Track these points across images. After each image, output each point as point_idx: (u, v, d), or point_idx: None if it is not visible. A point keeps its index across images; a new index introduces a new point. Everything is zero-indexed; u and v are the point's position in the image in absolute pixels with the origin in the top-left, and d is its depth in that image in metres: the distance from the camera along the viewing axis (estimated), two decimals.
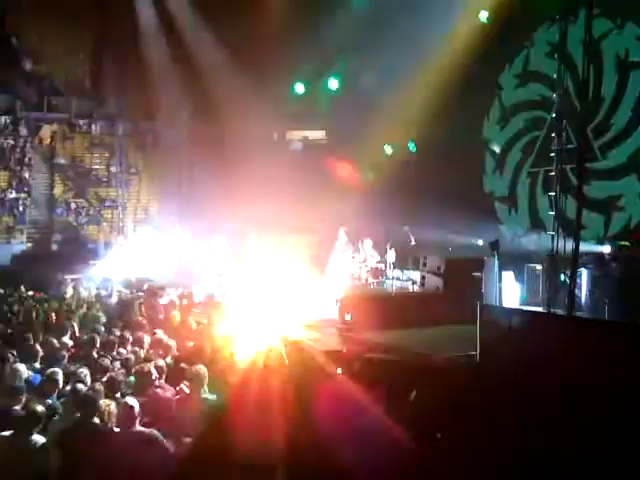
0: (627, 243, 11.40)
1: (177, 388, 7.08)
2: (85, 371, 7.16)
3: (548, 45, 14.48)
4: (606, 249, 11.52)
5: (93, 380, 7.03)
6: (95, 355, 8.23)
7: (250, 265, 18.53)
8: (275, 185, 18.48)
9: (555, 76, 11.48)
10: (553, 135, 11.28)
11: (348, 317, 11.36)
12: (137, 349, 8.66)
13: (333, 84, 19.19)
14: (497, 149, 16.46)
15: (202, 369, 7.13)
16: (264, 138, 20.37)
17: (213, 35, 19.32)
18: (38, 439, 5.50)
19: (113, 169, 22.84)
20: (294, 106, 19.82)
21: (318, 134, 21.94)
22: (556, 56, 11.64)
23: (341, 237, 13.67)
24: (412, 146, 17.99)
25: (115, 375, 7.21)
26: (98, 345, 8.64)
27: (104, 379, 7.04)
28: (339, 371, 7.93)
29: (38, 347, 8.31)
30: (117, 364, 7.90)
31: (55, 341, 8.73)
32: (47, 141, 22.89)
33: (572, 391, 6.99)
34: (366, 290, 13.49)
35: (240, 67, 18.91)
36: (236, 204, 17.52)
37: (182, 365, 7.60)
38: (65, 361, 8.02)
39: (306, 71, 19.24)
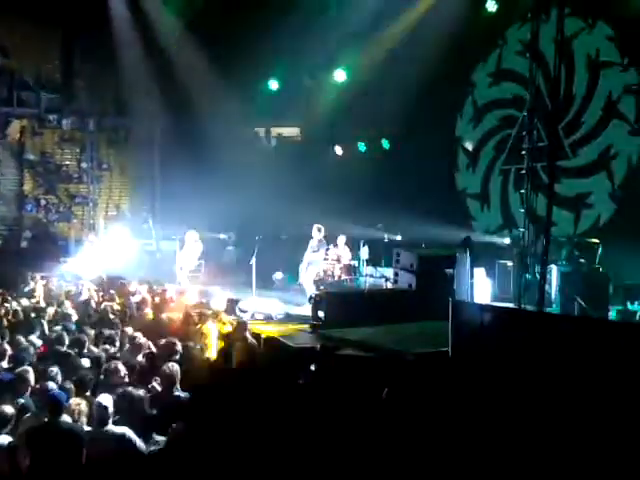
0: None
1: (149, 386, 7.06)
2: (55, 369, 7.09)
3: (520, 44, 14.60)
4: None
5: (64, 379, 6.96)
6: (65, 353, 8.14)
7: (224, 262, 18.59)
8: (249, 182, 18.45)
9: (527, 75, 11.58)
10: (524, 133, 11.39)
11: (321, 314, 11.38)
12: (108, 347, 8.62)
13: (307, 82, 19.18)
14: (470, 146, 16.59)
15: (174, 367, 7.11)
16: (238, 135, 20.28)
17: (186, 31, 19.21)
18: (3, 440, 5.44)
19: (84, 165, 22.56)
20: (268, 103, 19.78)
21: (292, 131, 21.91)
22: (528, 55, 11.74)
23: (315, 235, 13.68)
24: (385, 143, 18.06)
25: (85, 373, 7.16)
26: (68, 343, 8.57)
27: (74, 377, 6.98)
28: (312, 368, 7.95)
29: (6, 346, 8.21)
30: (87, 362, 7.84)
31: (23, 339, 8.63)
32: (16, 137, 22.55)
33: (541, 387, 7.08)
34: (339, 287, 13.51)
35: (214, 63, 18.83)
36: (210, 201, 17.45)
37: (154, 363, 7.59)
38: (34, 359, 7.93)
39: (280, 67, 19.22)
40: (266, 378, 7.15)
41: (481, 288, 11.98)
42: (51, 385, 6.54)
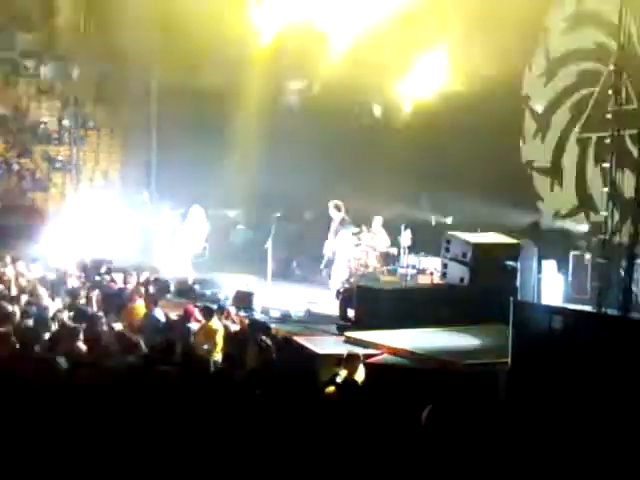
0: None
1: None
2: None
3: None
4: None
5: None
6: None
7: (233, 245, 18.63)
8: (266, 146, 18.41)
9: (616, 19, 11.37)
10: (610, 93, 11.19)
11: (351, 313, 11.35)
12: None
13: None
14: (539, 108, 16.39)
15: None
16: (252, 91, 20.23)
17: None
18: None
19: (66, 123, 22.71)
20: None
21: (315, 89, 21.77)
22: None
23: (333, 214, 13.55)
24: (433, 103, 17.84)
25: None
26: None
27: None
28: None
29: None
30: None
31: None
32: None
33: (625, 407, 6.99)
34: (373, 280, 13.49)
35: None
36: (217, 169, 17.48)
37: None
38: None
39: None
40: (283, 389, 7.17)
41: (551, 286, 11.88)
42: None
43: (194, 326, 10.52)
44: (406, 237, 13.67)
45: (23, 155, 22.40)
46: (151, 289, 12.37)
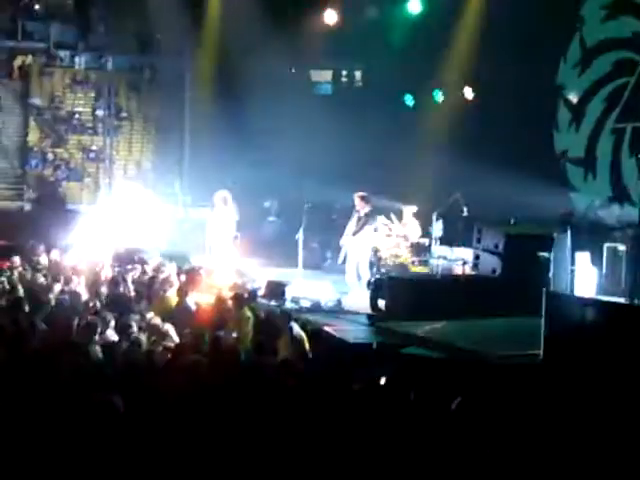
0: None
1: None
2: None
3: None
4: None
5: None
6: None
7: (264, 236, 18.65)
8: (298, 137, 18.41)
9: None
10: None
11: (382, 303, 11.32)
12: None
13: (372, 13, 18.96)
14: (574, 98, 16.23)
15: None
16: (286, 79, 20.22)
17: None
18: None
19: (99, 113, 22.87)
20: (324, 40, 19.64)
21: (355, 74, 21.74)
22: None
23: (359, 206, 13.43)
24: (468, 92, 17.79)
25: None
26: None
27: None
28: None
29: None
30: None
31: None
32: (20, 76, 22.95)
33: None
34: (405, 271, 13.42)
35: None
36: (249, 160, 17.50)
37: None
38: None
39: None
40: (316, 380, 7.17)
41: (584, 278, 11.73)
42: None
43: (225, 315, 10.54)
44: (438, 228, 13.58)
45: (58, 145, 22.59)
46: (182, 278, 12.41)
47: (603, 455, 5.87)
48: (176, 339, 8.75)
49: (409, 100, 19.40)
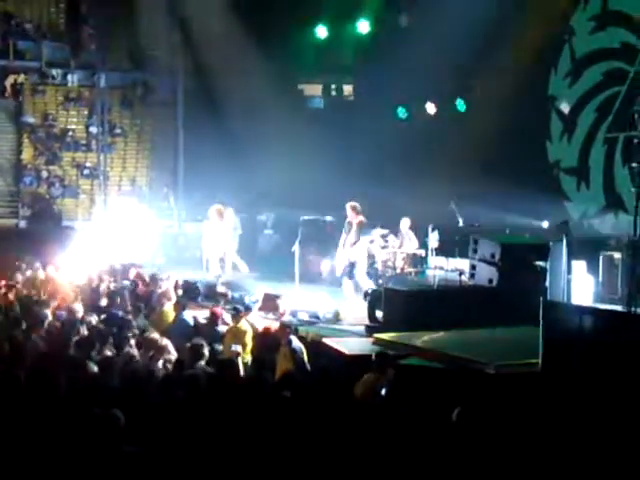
0: None
1: None
2: None
3: None
4: None
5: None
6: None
7: (260, 249, 18.63)
8: (291, 152, 18.43)
9: None
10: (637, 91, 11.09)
11: (379, 314, 11.30)
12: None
13: (363, 27, 19.03)
14: (566, 109, 16.29)
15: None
16: (277, 94, 20.26)
17: None
18: None
19: (93, 130, 22.86)
20: (314, 54, 19.72)
21: (343, 88, 21.83)
22: None
23: (351, 216, 13.39)
24: (460, 104, 17.84)
25: None
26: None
27: None
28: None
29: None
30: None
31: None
32: (12, 95, 22.97)
33: None
34: (401, 282, 13.41)
35: (247, 7, 18.82)
36: (243, 175, 17.50)
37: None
38: None
39: (330, 11, 19.12)
40: (314, 392, 7.15)
41: (581, 286, 11.71)
42: None
43: (222, 329, 10.51)
44: (434, 239, 13.58)
45: (52, 162, 22.59)
46: (179, 293, 12.38)
47: (602, 463, 5.87)
48: (174, 353, 8.72)
49: (402, 113, 19.46)
